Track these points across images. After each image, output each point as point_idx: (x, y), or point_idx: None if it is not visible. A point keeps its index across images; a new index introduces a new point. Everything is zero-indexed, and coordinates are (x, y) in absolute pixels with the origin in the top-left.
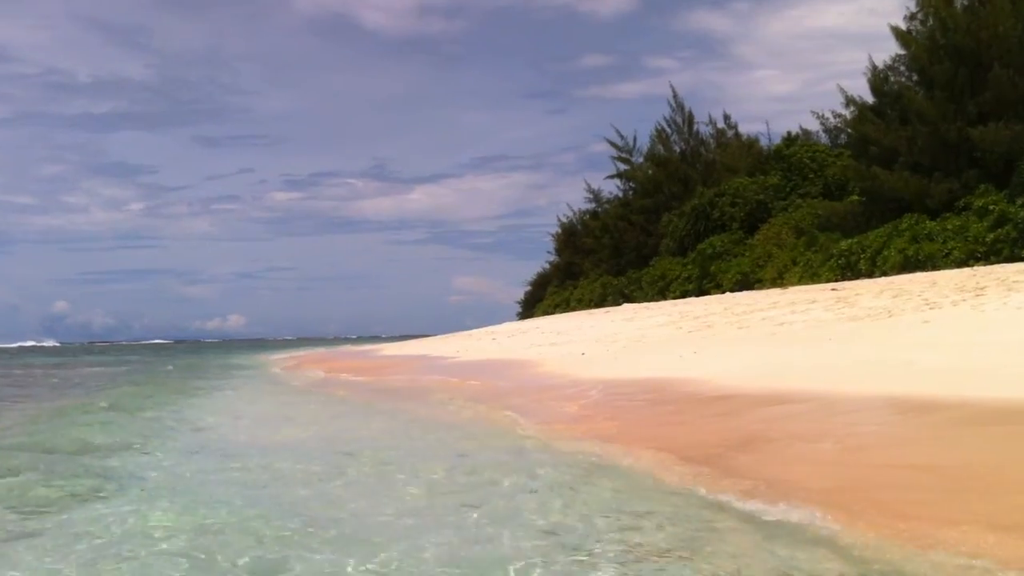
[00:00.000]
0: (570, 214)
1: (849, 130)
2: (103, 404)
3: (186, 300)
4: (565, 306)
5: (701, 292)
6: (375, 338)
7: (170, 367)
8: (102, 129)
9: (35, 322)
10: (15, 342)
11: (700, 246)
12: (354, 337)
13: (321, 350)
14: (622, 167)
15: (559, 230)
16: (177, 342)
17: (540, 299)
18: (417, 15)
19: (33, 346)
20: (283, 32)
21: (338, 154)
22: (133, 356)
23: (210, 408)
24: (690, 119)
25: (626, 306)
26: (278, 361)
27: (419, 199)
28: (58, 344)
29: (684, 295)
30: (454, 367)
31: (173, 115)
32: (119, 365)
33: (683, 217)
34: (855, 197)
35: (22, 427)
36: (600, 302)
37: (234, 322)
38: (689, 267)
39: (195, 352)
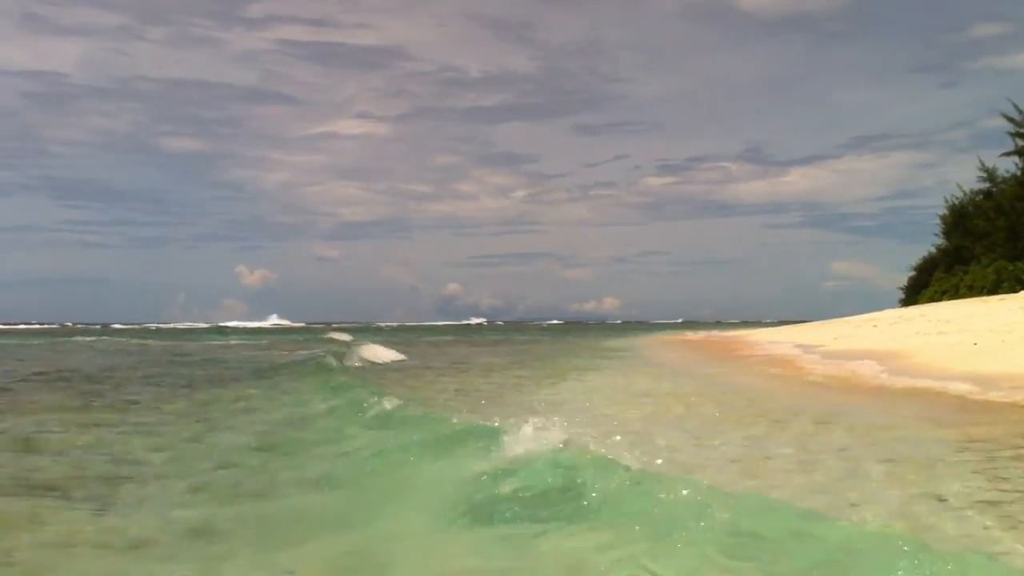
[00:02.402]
0: (960, 195)
1: None
2: None
3: (565, 283)
4: (953, 293)
5: None
6: (749, 323)
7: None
8: (491, 121)
9: (431, 303)
10: (419, 321)
11: None
12: (736, 321)
13: (712, 333)
14: (1020, 143)
15: (947, 212)
16: (568, 323)
17: (925, 285)
18: None
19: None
20: (659, 17)
21: (712, 137)
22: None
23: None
24: None
25: None
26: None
27: (795, 181)
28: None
29: None
30: (838, 355)
31: (554, 105)
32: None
33: None
34: None
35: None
36: (993, 289)
37: (608, 305)
38: None
39: (601, 333)
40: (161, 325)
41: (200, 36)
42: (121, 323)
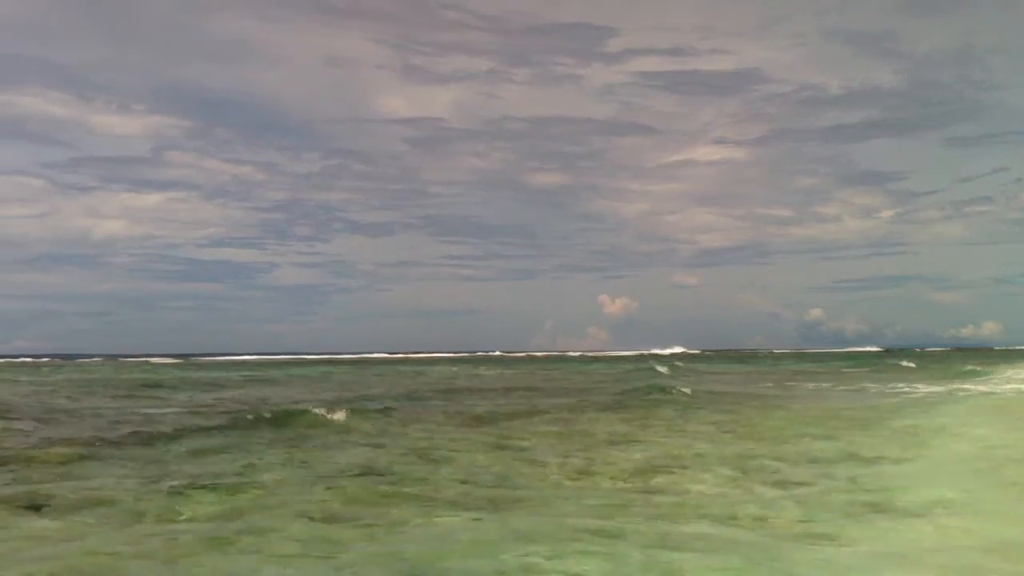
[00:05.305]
0: None
1: None
2: None
3: (937, 306)
4: None
5: None
6: None
7: None
8: (853, 139)
9: (792, 329)
10: (780, 348)
11: None
12: None
13: None
14: None
15: None
16: (956, 350)
17: None
18: None
19: None
20: None
21: None
22: None
23: None
24: None
25: None
26: None
27: None
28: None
29: None
30: None
31: (923, 118)
32: None
33: None
34: None
35: None
36: None
37: (988, 330)
38: None
39: None
40: (535, 353)
41: (562, 74)
42: (497, 351)
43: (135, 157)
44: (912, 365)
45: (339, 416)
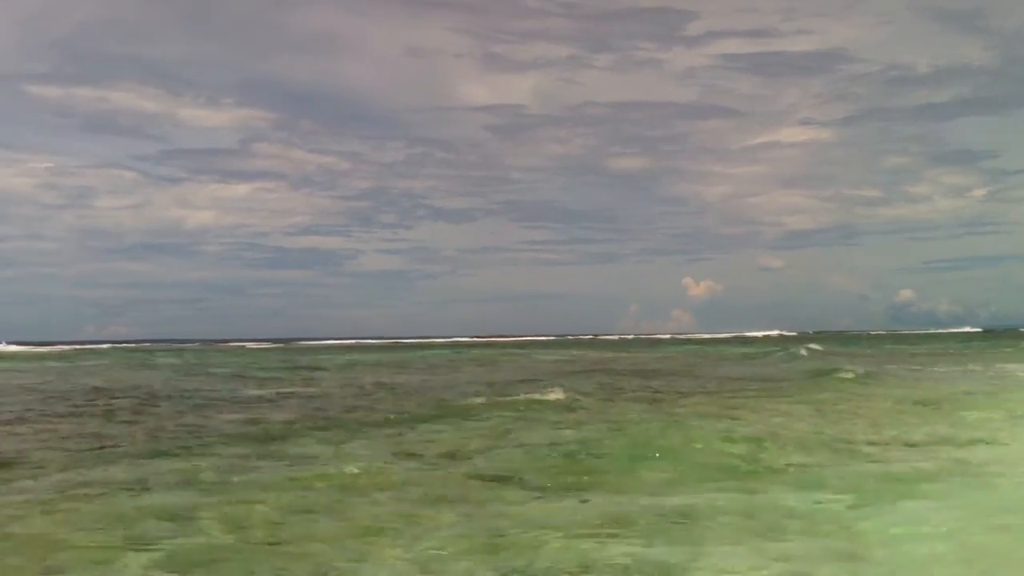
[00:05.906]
0: None
1: None
2: None
3: None
4: None
5: None
6: None
7: None
8: (943, 118)
9: (881, 311)
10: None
11: None
12: None
13: None
14: None
15: None
16: None
17: None
18: None
19: None
20: None
21: None
22: None
23: None
24: None
25: None
26: None
27: None
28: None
29: None
30: None
31: (1014, 95)
32: None
33: None
34: None
35: None
36: None
37: None
38: None
39: None
40: (625, 336)
41: (643, 59)
42: (584, 334)
43: (224, 149)
44: None
45: (556, 396)
